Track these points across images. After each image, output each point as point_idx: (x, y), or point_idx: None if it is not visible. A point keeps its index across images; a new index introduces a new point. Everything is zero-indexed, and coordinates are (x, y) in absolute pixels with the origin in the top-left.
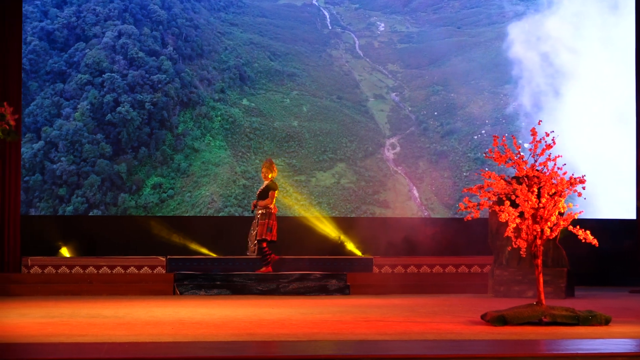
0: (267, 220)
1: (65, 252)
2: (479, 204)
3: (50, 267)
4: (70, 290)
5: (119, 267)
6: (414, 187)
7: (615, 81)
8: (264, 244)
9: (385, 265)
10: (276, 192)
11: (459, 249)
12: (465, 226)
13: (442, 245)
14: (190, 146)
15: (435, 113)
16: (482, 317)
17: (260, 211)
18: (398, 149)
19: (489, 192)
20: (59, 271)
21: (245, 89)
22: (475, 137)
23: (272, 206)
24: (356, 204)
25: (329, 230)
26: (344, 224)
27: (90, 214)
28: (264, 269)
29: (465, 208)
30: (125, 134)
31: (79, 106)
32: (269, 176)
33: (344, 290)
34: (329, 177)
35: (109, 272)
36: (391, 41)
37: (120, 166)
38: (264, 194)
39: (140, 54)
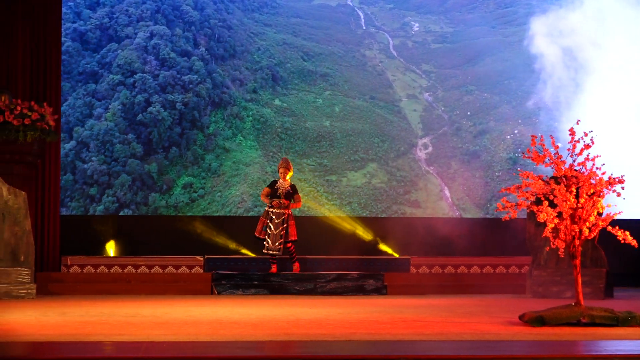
0: (294, 220)
1: (110, 250)
2: (517, 204)
3: (89, 267)
4: (109, 289)
5: (157, 267)
6: (446, 187)
7: None
8: (290, 244)
9: (423, 266)
10: None
11: (496, 249)
12: (503, 226)
13: (479, 246)
14: (222, 146)
15: (468, 113)
16: (520, 317)
17: (285, 211)
18: (430, 148)
19: (527, 192)
20: (97, 270)
21: (278, 89)
22: (508, 136)
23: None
24: (387, 203)
25: (361, 230)
26: (378, 224)
27: (121, 213)
28: (297, 264)
29: (503, 208)
30: (156, 133)
31: (110, 106)
32: (288, 176)
33: (381, 290)
34: (360, 177)
35: (148, 271)
36: (425, 41)
37: (151, 166)
38: (291, 194)
39: (172, 54)
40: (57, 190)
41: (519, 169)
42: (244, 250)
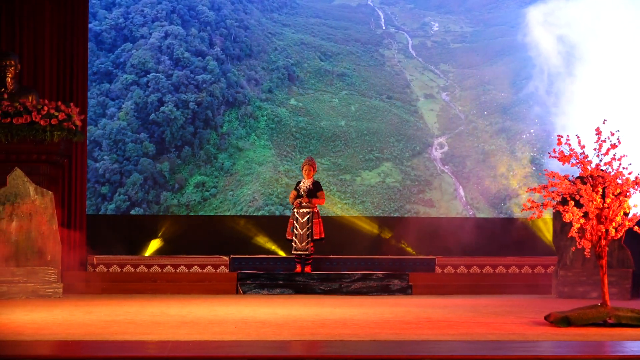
0: (319, 218)
1: (137, 249)
2: (542, 204)
3: (115, 266)
4: (134, 288)
5: (182, 266)
6: (460, 187)
7: None
8: (312, 243)
9: (448, 266)
10: None
11: (521, 249)
12: (527, 226)
13: (504, 246)
14: (235, 145)
15: (485, 112)
16: (546, 317)
17: (310, 210)
18: (446, 148)
19: (553, 192)
20: (123, 270)
21: (294, 89)
22: (524, 136)
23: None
24: (400, 203)
25: (387, 231)
26: (400, 224)
27: (132, 212)
28: (309, 268)
29: (529, 208)
30: (169, 133)
31: (123, 106)
32: (311, 175)
33: (406, 290)
34: (374, 176)
35: (173, 271)
36: (444, 41)
37: (163, 165)
38: (314, 192)
39: (186, 54)
40: (83, 190)
41: (545, 169)
42: (275, 247)
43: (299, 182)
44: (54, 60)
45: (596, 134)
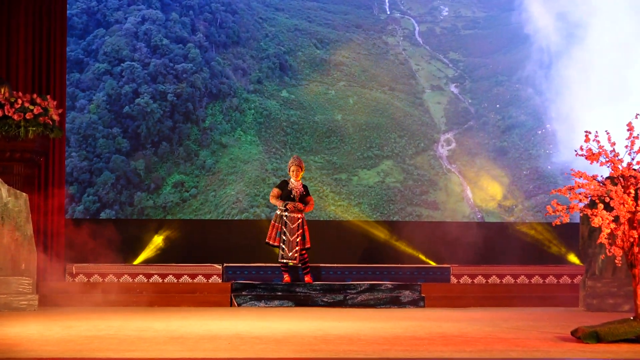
0: (307, 225)
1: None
2: (568, 207)
3: (96, 276)
4: (118, 300)
5: (171, 276)
6: (468, 188)
7: None
8: (305, 252)
9: (464, 275)
10: None
11: (544, 257)
12: (553, 231)
13: (527, 253)
14: (218, 141)
15: (497, 106)
16: (573, 333)
17: (299, 215)
18: (453, 144)
19: (579, 193)
20: (105, 280)
21: (285, 80)
22: (539, 132)
23: None
24: (401, 205)
25: (387, 235)
26: (407, 228)
27: (102, 214)
28: (309, 277)
29: (554, 211)
30: (145, 127)
31: (94, 97)
32: (300, 176)
33: (418, 302)
34: (372, 176)
35: (161, 281)
36: (455, 27)
37: (138, 163)
38: (304, 197)
39: (165, 41)
40: (61, 191)
41: (571, 168)
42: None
43: (285, 182)
44: (28, 48)
45: (628, 130)
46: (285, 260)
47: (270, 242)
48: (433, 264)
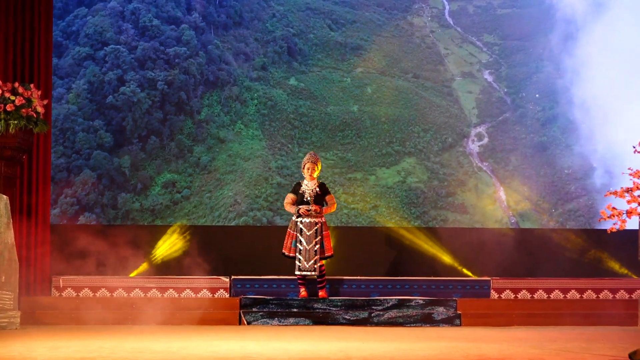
0: (328, 230)
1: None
2: (626, 212)
3: (86, 289)
4: (111, 318)
5: (171, 290)
6: (501, 188)
7: None
8: (322, 262)
9: (506, 289)
10: None
11: (598, 269)
12: (606, 240)
13: (576, 264)
14: (215, 135)
15: (537, 95)
16: (631, 355)
17: (318, 220)
18: (486, 139)
19: (638, 196)
20: (97, 294)
21: (294, 66)
22: (583, 125)
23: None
24: (424, 208)
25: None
26: (441, 235)
27: (81, 217)
28: (324, 291)
29: (609, 216)
30: (131, 119)
31: (74, 86)
32: (316, 174)
33: (453, 320)
34: (392, 175)
35: (160, 295)
36: (490, 5)
37: (123, 160)
38: (321, 197)
39: (156, 21)
40: (46, 193)
41: (629, 167)
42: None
43: (298, 184)
44: (9, 30)
45: None
46: (303, 273)
47: (286, 253)
48: (472, 275)
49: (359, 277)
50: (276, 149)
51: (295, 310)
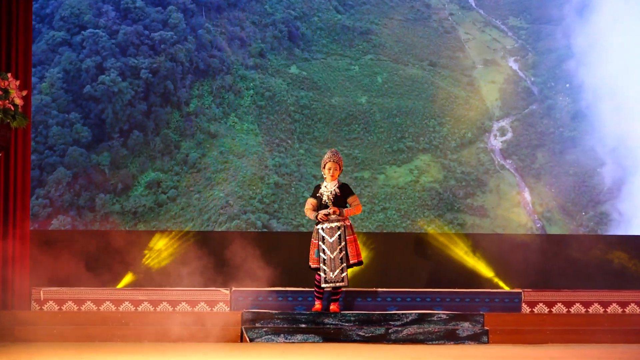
0: (354, 235)
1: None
2: None
3: (70, 303)
4: (98, 334)
5: (165, 303)
6: (526, 189)
7: None
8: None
9: (540, 303)
10: None
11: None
12: None
13: (617, 275)
14: (205, 130)
15: (567, 85)
16: None
17: (340, 223)
18: (509, 134)
19: None
20: (82, 308)
21: (296, 52)
22: (617, 117)
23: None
24: (439, 210)
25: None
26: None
27: (54, 221)
28: (337, 305)
29: None
30: (111, 112)
31: (47, 74)
32: (337, 176)
33: (480, 337)
34: (403, 174)
35: (152, 309)
36: None
37: (102, 157)
38: (342, 198)
39: (139, 2)
40: (25, 194)
41: None
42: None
43: (317, 187)
44: None
45: None
46: (330, 285)
47: (312, 265)
48: (505, 286)
49: (374, 289)
50: (274, 145)
51: (303, 325)
